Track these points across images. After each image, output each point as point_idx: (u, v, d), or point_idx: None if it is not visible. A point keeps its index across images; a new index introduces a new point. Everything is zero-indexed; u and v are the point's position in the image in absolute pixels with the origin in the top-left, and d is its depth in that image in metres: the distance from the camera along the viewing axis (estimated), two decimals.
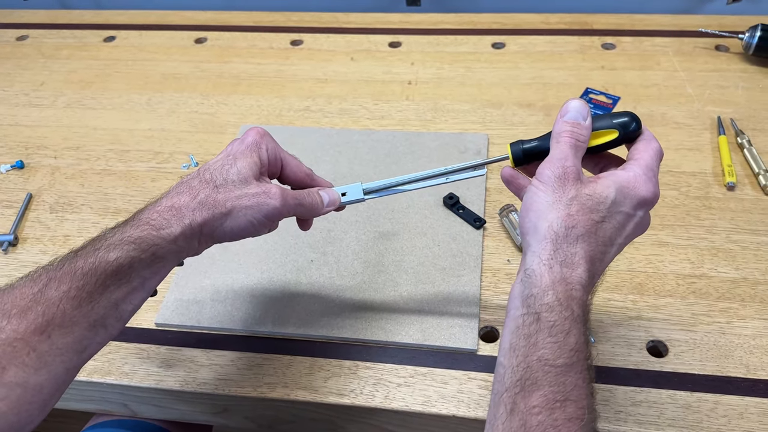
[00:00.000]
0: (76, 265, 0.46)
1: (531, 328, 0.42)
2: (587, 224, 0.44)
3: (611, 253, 0.47)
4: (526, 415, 0.39)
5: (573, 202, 0.45)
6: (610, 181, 0.46)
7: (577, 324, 0.42)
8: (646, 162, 0.47)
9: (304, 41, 1.04)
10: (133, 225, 0.48)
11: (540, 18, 1.04)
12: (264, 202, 0.51)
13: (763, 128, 0.82)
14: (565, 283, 0.43)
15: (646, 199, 0.46)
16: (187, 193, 0.50)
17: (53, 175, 0.85)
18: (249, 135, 0.54)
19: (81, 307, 0.45)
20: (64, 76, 1.02)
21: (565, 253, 0.44)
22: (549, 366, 0.41)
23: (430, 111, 0.89)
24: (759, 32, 0.89)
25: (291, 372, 0.62)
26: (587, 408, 0.40)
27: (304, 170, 0.57)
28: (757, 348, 0.61)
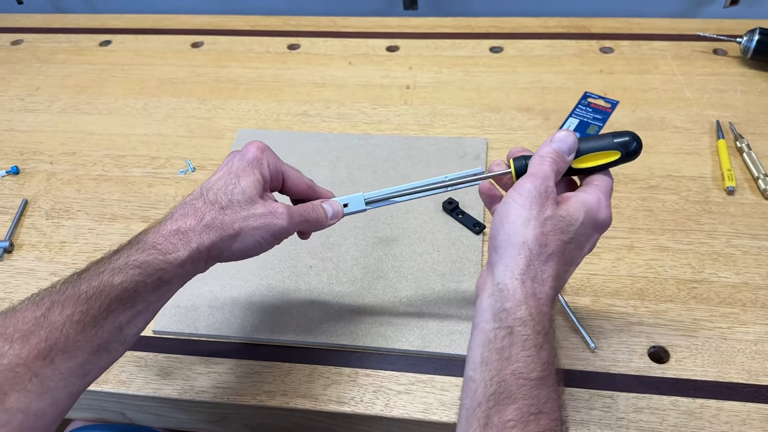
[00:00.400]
0: (80, 289, 0.45)
1: (504, 342, 0.42)
2: (558, 244, 0.46)
3: (570, 272, 0.49)
4: (501, 429, 0.40)
5: (547, 221, 0.46)
6: (579, 204, 0.47)
7: (548, 338, 0.43)
8: (606, 189, 0.49)
9: (301, 45, 1.04)
10: (138, 249, 0.48)
11: (538, 22, 1.04)
12: (272, 223, 0.51)
13: (762, 132, 0.82)
14: (536, 299, 0.44)
15: (605, 223, 0.49)
16: (192, 215, 0.50)
17: (49, 180, 0.84)
18: (249, 150, 0.54)
19: (85, 332, 0.44)
20: (59, 81, 1.01)
21: (536, 270, 0.45)
22: (523, 379, 0.41)
23: (428, 115, 0.89)
24: (757, 36, 0.89)
25: (290, 380, 0.62)
26: (559, 420, 0.41)
27: (305, 182, 0.57)
28: (759, 353, 0.61)
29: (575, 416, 0.57)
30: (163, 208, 0.79)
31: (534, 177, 0.47)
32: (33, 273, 0.73)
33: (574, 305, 0.65)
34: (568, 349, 0.62)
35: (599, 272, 0.68)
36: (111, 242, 0.75)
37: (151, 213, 0.78)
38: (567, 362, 0.61)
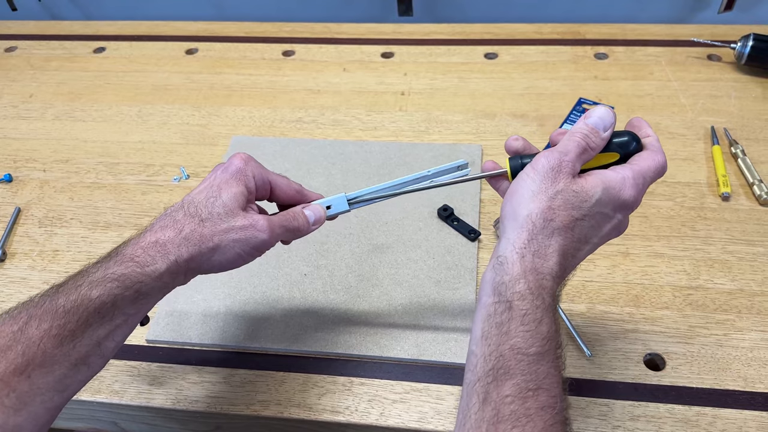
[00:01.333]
0: (58, 302, 0.45)
1: (503, 317, 0.42)
2: (566, 219, 0.44)
3: (585, 250, 0.47)
4: (499, 404, 0.39)
5: (558, 195, 0.44)
6: (598, 180, 0.45)
7: (548, 313, 0.42)
8: (641, 169, 0.46)
9: (296, 52, 1.04)
10: (116, 261, 0.47)
11: (533, 28, 1.04)
12: (252, 236, 0.50)
13: (756, 138, 0.82)
14: (536, 273, 0.43)
15: (627, 203, 0.46)
16: (171, 227, 0.49)
17: (42, 188, 0.84)
18: (233, 163, 0.53)
19: (62, 346, 0.44)
20: (53, 88, 1.01)
21: (540, 244, 0.44)
22: (521, 355, 0.41)
23: (423, 122, 0.89)
24: (751, 42, 0.89)
25: (284, 389, 0.61)
26: (559, 396, 0.40)
27: (293, 188, 0.56)
28: (755, 360, 0.60)
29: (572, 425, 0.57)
30: (156, 215, 0.78)
31: (551, 151, 0.46)
32: (26, 281, 0.72)
33: (569, 312, 0.65)
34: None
35: (594, 279, 0.68)
36: (104, 250, 0.73)
37: (145, 221, 0.78)
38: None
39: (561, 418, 0.40)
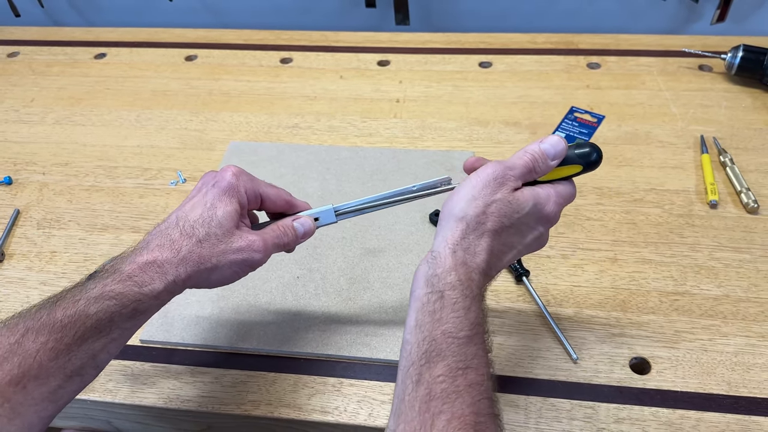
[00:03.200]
0: (55, 317, 0.46)
1: (435, 305, 0.45)
2: (496, 225, 0.48)
3: (509, 255, 0.51)
4: (431, 384, 0.42)
5: (494, 203, 0.48)
6: (531, 195, 0.50)
7: (476, 302, 0.46)
8: (562, 192, 0.51)
9: (293, 59, 1.05)
10: (114, 279, 0.48)
11: (527, 38, 1.05)
12: (249, 257, 0.52)
13: (745, 147, 0.83)
14: (466, 266, 0.47)
15: (549, 217, 0.51)
16: (169, 247, 0.50)
17: (41, 191, 0.85)
18: (224, 177, 0.53)
19: (58, 359, 0.45)
20: (54, 93, 1.02)
21: (470, 243, 0.48)
22: (452, 338, 0.44)
23: (417, 129, 0.90)
24: (741, 53, 0.91)
25: (275, 389, 0.62)
26: (486, 375, 0.43)
27: (283, 198, 0.57)
28: (738, 365, 0.61)
29: (556, 426, 0.58)
30: (153, 218, 0.80)
31: (499, 163, 0.50)
32: (23, 282, 0.73)
33: (556, 316, 0.66)
34: (550, 360, 0.63)
35: (582, 284, 0.69)
36: (101, 252, 0.76)
37: (142, 223, 0.79)
38: (549, 373, 0.62)
39: (488, 395, 0.43)
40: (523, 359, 0.63)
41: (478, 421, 0.41)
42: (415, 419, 0.41)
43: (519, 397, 0.60)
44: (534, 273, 0.70)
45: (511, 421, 0.58)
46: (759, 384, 0.60)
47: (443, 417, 0.40)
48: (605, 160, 0.82)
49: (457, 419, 0.40)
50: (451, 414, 0.40)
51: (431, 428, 0.40)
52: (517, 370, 0.62)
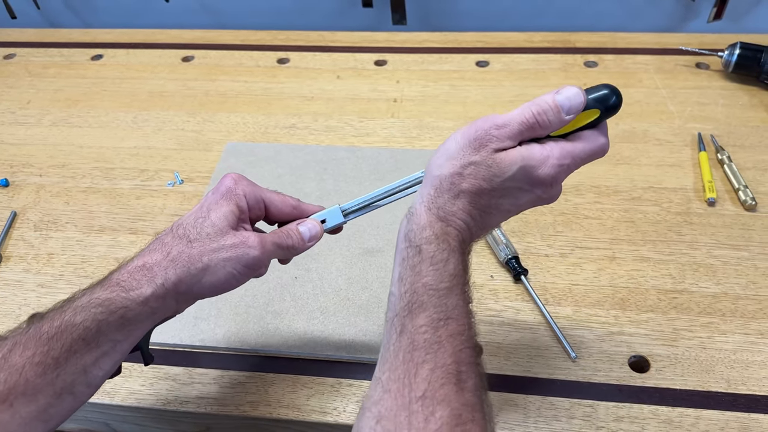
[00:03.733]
0: (42, 329, 0.44)
1: (415, 260, 0.45)
2: (473, 187, 0.46)
3: (497, 217, 0.49)
4: (414, 334, 0.42)
5: (470, 166, 0.46)
6: (517, 157, 0.45)
7: (454, 254, 0.46)
8: (572, 149, 0.46)
9: (290, 59, 1.05)
10: (102, 286, 0.47)
11: (523, 36, 1.05)
12: (243, 253, 0.49)
13: (742, 144, 0.83)
14: (441, 221, 0.46)
15: (544, 182, 0.46)
16: (159, 250, 0.48)
17: (38, 193, 0.85)
18: (222, 183, 0.52)
19: (46, 375, 0.43)
20: (50, 95, 1.02)
21: (445, 201, 0.46)
22: (432, 290, 0.44)
23: (415, 128, 0.90)
24: (738, 50, 0.91)
25: (273, 390, 0.62)
26: (467, 325, 0.44)
27: (290, 203, 0.55)
28: (737, 362, 0.61)
29: (555, 425, 0.58)
30: (150, 220, 0.80)
31: (486, 120, 0.46)
32: (20, 284, 0.73)
33: (555, 315, 0.66)
34: (549, 359, 0.63)
35: (581, 282, 0.69)
36: (98, 254, 0.76)
37: (139, 225, 0.79)
38: (548, 371, 0.62)
39: (470, 344, 0.43)
40: (521, 358, 0.63)
41: (460, 370, 0.41)
42: (399, 368, 0.41)
43: (518, 396, 0.60)
44: (532, 272, 0.70)
45: (511, 420, 0.58)
46: (758, 381, 0.60)
47: (426, 366, 0.41)
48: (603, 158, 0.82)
49: (440, 368, 0.41)
50: (434, 364, 0.41)
51: (415, 377, 0.40)
52: (515, 369, 0.62)
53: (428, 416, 0.39)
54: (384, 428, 0.39)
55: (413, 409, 0.39)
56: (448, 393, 0.40)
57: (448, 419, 0.39)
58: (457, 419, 0.39)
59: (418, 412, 0.39)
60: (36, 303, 0.71)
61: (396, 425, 0.39)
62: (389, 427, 0.39)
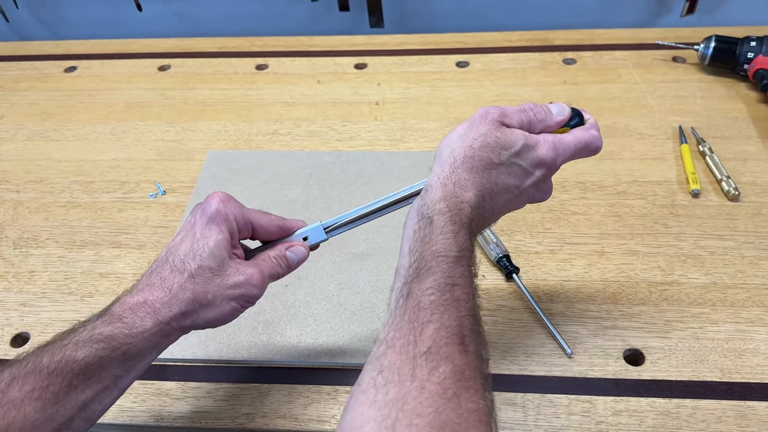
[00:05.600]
0: (42, 363, 0.43)
1: (425, 231, 0.47)
2: (484, 161, 0.49)
3: (503, 198, 0.51)
4: (420, 296, 0.43)
5: (479, 137, 0.49)
6: (521, 134, 0.50)
7: (464, 228, 0.47)
8: (562, 138, 0.52)
9: (269, 65, 1.04)
10: (104, 320, 0.46)
11: (502, 36, 1.06)
12: (248, 292, 0.50)
13: (722, 136, 0.84)
14: (455, 197, 0.48)
15: (544, 161, 0.51)
16: (159, 286, 0.48)
17: (16, 209, 0.83)
18: (211, 205, 0.51)
19: (45, 410, 0.42)
20: (24, 108, 0.99)
21: (459, 177, 0.49)
22: (441, 257, 0.45)
23: (399, 130, 0.90)
24: (713, 43, 0.92)
25: (269, 401, 0.61)
26: (471, 294, 0.45)
27: (275, 223, 0.55)
28: (730, 351, 0.62)
29: (555, 422, 0.58)
30: (134, 232, 0.78)
31: (487, 106, 0.51)
32: (2, 304, 0.71)
33: (548, 312, 0.66)
34: (545, 356, 0.63)
35: (572, 278, 0.69)
36: (82, 270, 0.74)
37: (122, 238, 0.77)
38: (545, 369, 0.62)
39: (473, 313, 0.44)
40: (518, 356, 0.63)
41: (464, 333, 0.42)
42: (405, 327, 0.42)
43: (516, 394, 0.60)
44: (523, 270, 0.70)
45: (510, 419, 0.58)
46: (751, 369, 0.60)
47: (432, 326, 0.41)
48: None
49: (445, 328, 0.41)
50: (440, 323, 0.41)
51: (420, 335, 0.41)
52: (512, 368, 0.62)
53: (432, 369, 0.39)
54: (385, 378, 0.39)
55: (417, 363, 0.39)
56: (452, 351, 0.40)
57: (450, 374, 0.39)
58: (459, 375, 0.39)
59: (422, 366, 0.39)
60: (19, 323, 0.69)
61: (400, 376, 0.39)
62: (391, 378, 0.39)
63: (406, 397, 0.37)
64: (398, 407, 0.37)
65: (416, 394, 0.37)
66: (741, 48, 0.90)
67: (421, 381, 0.38)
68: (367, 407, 0.38)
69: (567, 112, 0.54)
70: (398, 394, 0.38)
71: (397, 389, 0.38)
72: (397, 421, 0.36)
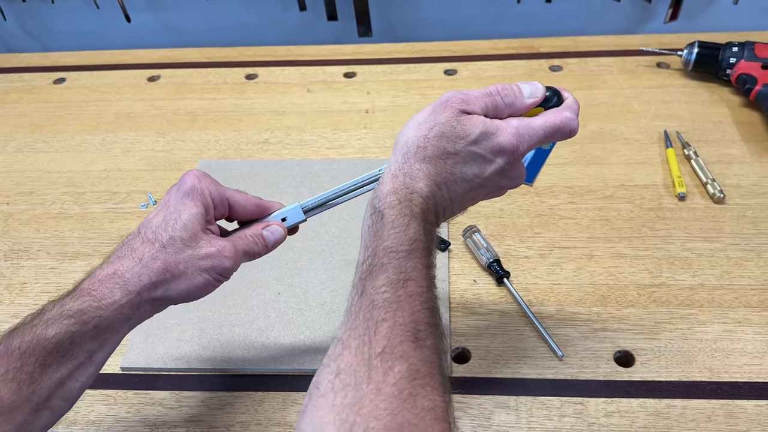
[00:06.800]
0: (12, 345, 0.43)
1: (377, 225, 0.47)
2: (437, 150, 0.48)
3: (463, 187, 0.50)
4: (374, 294, 0.43)
5: (436, 126, 0.48)
6: (481, 121, 0.49)
7: (415, 219, 0.47)
8: (530, 122, 0.50)
9: (259, 75, 1.05)
10: (73, 296, 0.46)
11: (489, 44, 1.07)
12: (219, 263, 0.49)
13: (707, 139, 0.86)
14: (405, 188, 0.48)
15: (504, 149, 0.49)
16: (129, 256, 0.47)
17: (6, 221, 0.82)
18: (186, 181, 0.51)
19: (21, 391, 0.42)
20: (13, 121, 0.99)
21: (411, 167, 0.48)
22: (392, 253, 0.45)
23: (388, 138, 0.91)
24: (696, 49, 0.94)
25: (263, 408, 0.61)
26: (426, 287, 0.45)
27: (252, 202, 0.54)
28: (718, 351, 0.63)
29: (548, 424, 0.58)
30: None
31: (452, 91, 0.50)
32: None
33: (539, 315, 0.66)
34: (537, 359, 0.63)
35: (562, 282, 0.70)
36: (73, 280, 0.73)
37: (114, 249, 0.77)
38: (537, 372, 0.62)
39: (429, 305, 0.44)
40: (510, 360, 0.63)
41: (418, 328, 0.42)
42: (360, 326, 0.42)
43: (509, 398, 0.61)
44: (514, 274, 0.71)
45: (503, 423, 0.59)
46: (739, 368, 0.61)
47: (385, 324, 0.41)
48: (575, 159, 0.84)
49: (399, 326, 0.41)
50: (393, 321, 0.42)
51: (375, 334, 0.41)
52: (504, 371, 0.63)
53: (387, 370, 0.39)
54: (343, 382, 0.39)
55: (373, 364, 0.39)
56: (407, 350, 0.40)
57: (406, 373, 0.39)
58: (415, 373, 0.39)
59: (377, 367, 0.39)
60: None
61: (356, 379, 0.39)
62: (348, 381, 0.39)
63: (363, 400, 0.38)
64: (355, 411, 0.37)
65: (372, 397, 0.38)
66: (723, 53, 0.92)
67: (377, 383, 0.38)
68: (327, 411, 0.38)
69: (540, 93, 0.51)
70: (355, 398, 0.38)
71: (354, 392, 0.38)
72: (355, 425, 0.37)
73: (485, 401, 0.60)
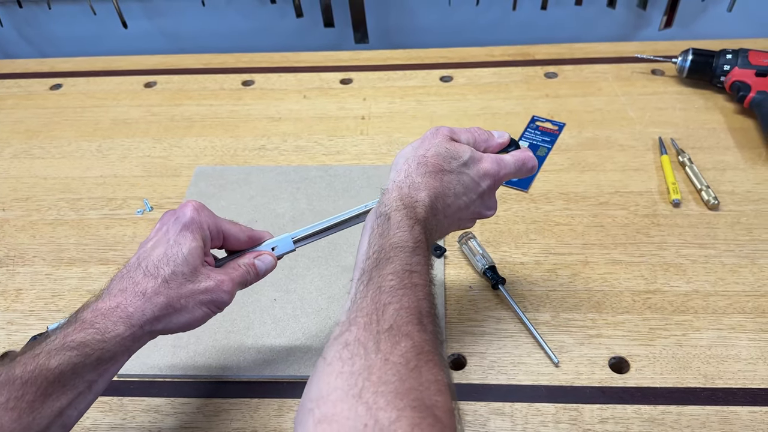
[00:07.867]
0: (15, 373, 0.43)
1: (384, 227, 0.50)
2: (436, 167, 0.54)
3: (455, 204, 0.55)
4: (381, 281, 0.45)
5: (432, 148, 0.54)
6: (468, 148, 0.56)
7: (419, 224, 0.50)
8: (503, 157, 0.58)
9: (255, 81, 1.05)
10: (75, 327, 0.46)
11: (484, 51, 1.07)
12: (218, 298, 0.52)
13: (701, 146, 0.86)
14: (410, 197, 0.52)
15: (488, 173, 0.56)
16: (131, 290, 0.49)
17: (2, 228, 0.82)
18: (185, 213, 0.52)
19: (21, 419, 0.42)
20: (9, 126, 0.99)
21: (413, 181, 0.53)
22: (399, 248, 0.48)
23: (384, 144, 0.91)
24: (691, 56, 0.94)
25: (259, 415, 0.61)
26: (427, 281, 0.48)
27: (245, 233, 0.57)
28: (713, 357, 0.63)
29: (543, 431, 0.58)
30: (121, 249, 0.78)
31: (438, 126, 0.57)
32: None
33: (535, 322, 0.67)
34: (532, 365, 0.63)
35: (557, 288, 0.70)
36: (69, 287, 0.74)
37: (110, 255, 0.77)
38: (532, 378, 0.62)
39: (429, 298, 0.47)
40: (505, 366, 0.64)
41: (422, 314, 0.44)
42: (367, 306, 0.44)
43: (504, 404, 0.61)
44: (509, 280, 0.71)
45: (499, 429, 0.59)
46: (734, 375, 0.62)
47: (392, 307, 0.43)
48: (570, 166, 0.84)
49: (405, 310, 0.44)
50: (400, 305, 0.44)
51: (383, 314, 0.43)
52: (500, 378, 0.63)
53: (395, 344, 0.41)
54: (351, 352, 0.40)
55: (381, 338, 0.41)
56: (412, 330, 0.42)
57: (412, 348, 0.41)
58: (420, 350, 0.41)
59: (385, 340, 0.41)
60: (6, 341, 0.69)
61: (365, 349, 0.40)
62: (357, 351, 0.40)
63: (372, 367, 0.39)
64: (364, 377, 0.38)
65: (381, 365, 0.39)
66: (717, 61, 0.93)
67: (385, 353, 0.40)
68: (334, 378, 0.39)
69: (506, 137, 0.59)
70: (364, 365, 0.39)
71: (362, 361, 0.40)
72: (364, 389, 0.38)
73: (481, 407, 0.60)
